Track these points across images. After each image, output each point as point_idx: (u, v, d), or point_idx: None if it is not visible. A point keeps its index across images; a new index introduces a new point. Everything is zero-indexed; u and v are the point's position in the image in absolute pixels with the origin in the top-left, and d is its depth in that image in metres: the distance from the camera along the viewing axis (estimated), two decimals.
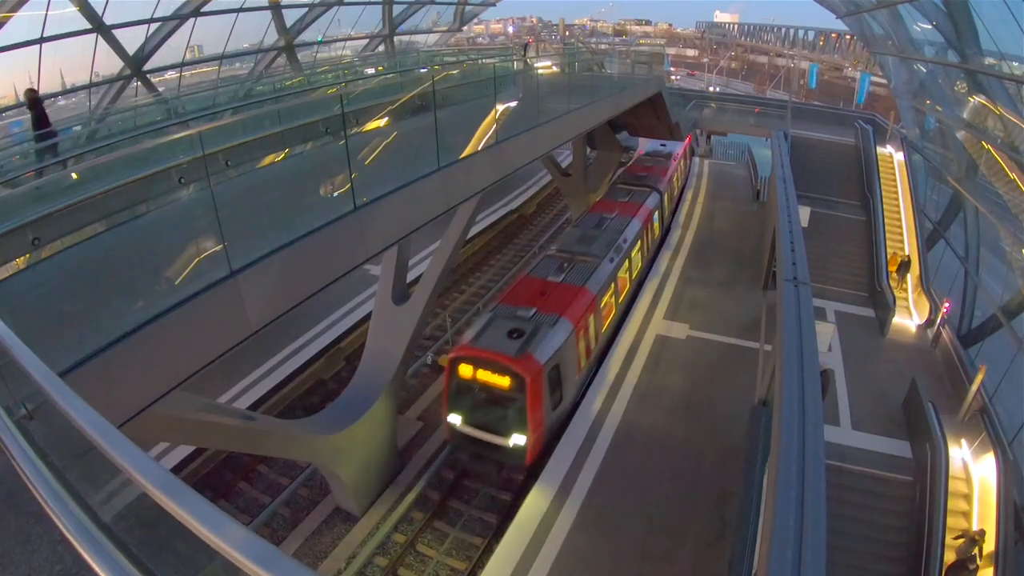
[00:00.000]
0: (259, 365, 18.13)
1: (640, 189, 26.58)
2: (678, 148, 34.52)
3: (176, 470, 15.04)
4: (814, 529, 7.01)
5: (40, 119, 13.04)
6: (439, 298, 17.02)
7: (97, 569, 1.43)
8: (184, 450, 15.19)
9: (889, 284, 21.41)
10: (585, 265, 18.76)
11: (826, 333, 16.17)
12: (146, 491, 1.50)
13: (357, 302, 21.55)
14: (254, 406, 16.73)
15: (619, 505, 12.96)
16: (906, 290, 21.73)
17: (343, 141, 8.91)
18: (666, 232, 28.13)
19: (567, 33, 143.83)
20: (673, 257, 25.53)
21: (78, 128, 19.13)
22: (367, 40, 36.85)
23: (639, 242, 22.71)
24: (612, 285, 19.21)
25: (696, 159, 40.42)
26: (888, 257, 22.81)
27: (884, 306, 20.40)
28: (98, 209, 9.45)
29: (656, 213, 25.90)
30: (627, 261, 21.02)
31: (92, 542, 1.51)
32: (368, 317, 18.37)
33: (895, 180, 28.29)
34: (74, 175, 10.01)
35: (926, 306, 20.82)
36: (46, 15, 19.14)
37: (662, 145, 34.32)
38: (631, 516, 12.69)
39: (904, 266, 22.20)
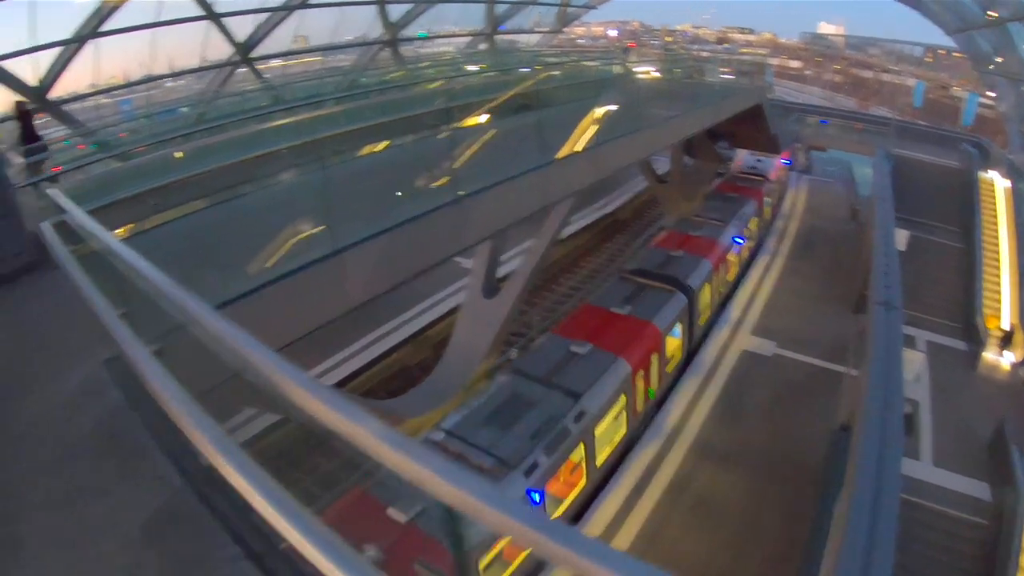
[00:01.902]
0: (346, 346, 18.60)
1: (656, 289, 16.56)
2: (763, 189, 28.26)
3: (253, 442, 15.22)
4: (881, 562, 6.95)
5: (27, 133, 11.87)
6: (528, 295, 16.23)
7: (240, 479, 1.63)
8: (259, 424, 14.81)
9: (983, 317, 20.44)
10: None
11: (915, 362, 15.72)
12: (304, 403, 1.73)
13: (446, 293, 21.76)
14: (340, 384, 17.19)
15: None
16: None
17: (446, 134, 9.27)
18: (696, 348, 17.51)
19: (669, 39, 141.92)
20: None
21: (184, 110, 20.40)
22: (469, 38, 37.52)
23: (622, 399, 13.10)
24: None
25: (793, 174, 38.76)
26: (985, 318, 21.29)
27: (977, 340, 19.58)
28: (211, 184, 10.16)
29: (679, 327, 16.21)
30: (582, 446, 11.63)
31: (237, 456, 1.72)
32: (454, 310, 18.69)
33: (998, 208, 27.01)
34: (177, 154, 10.82)
35: (1022, 343, 19.85)
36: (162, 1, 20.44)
37: (758, 161, 32.20)
38: None
39: (1007, 339, 19.41)
